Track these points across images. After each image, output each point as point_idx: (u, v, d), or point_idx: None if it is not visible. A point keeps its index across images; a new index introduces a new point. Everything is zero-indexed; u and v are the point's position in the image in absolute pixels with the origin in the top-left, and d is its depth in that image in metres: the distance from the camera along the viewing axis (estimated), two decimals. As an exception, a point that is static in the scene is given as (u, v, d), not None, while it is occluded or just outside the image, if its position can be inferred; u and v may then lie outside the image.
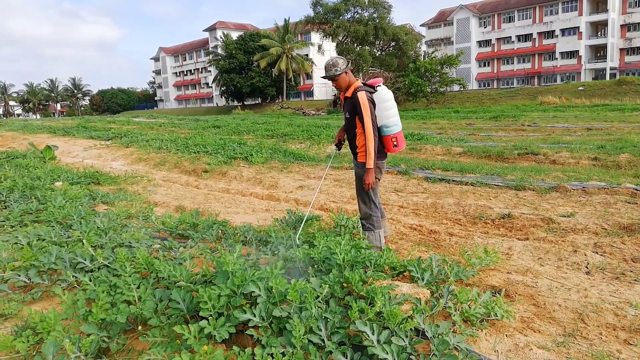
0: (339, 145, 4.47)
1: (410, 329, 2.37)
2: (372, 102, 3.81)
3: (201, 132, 18.15)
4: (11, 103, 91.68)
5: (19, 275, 3.28)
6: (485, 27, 60.50)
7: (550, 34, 54.70)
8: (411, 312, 2.49)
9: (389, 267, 3.20)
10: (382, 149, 3.96)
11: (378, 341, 2.22)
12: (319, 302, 2.53)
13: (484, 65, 61.06)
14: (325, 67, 3.92)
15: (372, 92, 3.86)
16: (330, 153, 6.33)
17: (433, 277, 3.05)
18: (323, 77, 3.94)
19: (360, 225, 4.08)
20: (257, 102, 60.68)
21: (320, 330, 2.30)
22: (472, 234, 4.97)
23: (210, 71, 73.02)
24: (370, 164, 3.77)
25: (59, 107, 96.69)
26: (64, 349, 2.23)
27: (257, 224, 5.16)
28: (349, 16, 41.48)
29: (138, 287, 2.75)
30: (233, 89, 56.84)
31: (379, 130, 3.87)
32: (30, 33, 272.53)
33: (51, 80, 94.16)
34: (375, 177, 3.92)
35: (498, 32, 59.10)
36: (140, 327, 2.56)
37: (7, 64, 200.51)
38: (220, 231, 4.31)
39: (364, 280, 2.81)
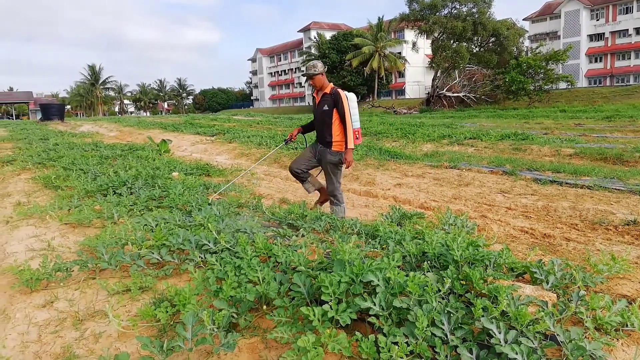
0: (287, 141, 5.43)
1: (537, 332, 2.26)
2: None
3: (297, 130, 18.67)
4: (125, 102, 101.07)
5: (152, 253, 3.62)
6: (597, 20, 55.50)
7: (676, 25, 48.85)
8: (537, 314, 2.38)
9: (507, 267, 3.07)
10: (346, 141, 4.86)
11: (505, 340, 2.15)
12: (439, 296, 2.51)
13: (595, 61, 56.07)
14: (306, 67, 4.84)
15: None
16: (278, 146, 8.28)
17: (558, 281, 2.88)
18: (302, 75, 4.98)
19: (329, 201, 5.15)
20: (348, 101, 61.07)
21: (443, 324, 2.28)
22: (592, 240, 4.61)
23: (303, 71, 74.86)
24: (351, 144, 4.75)
25: (165, 105, 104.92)
26: (201, 321, 2.43)
27: (359, 218, 5.22)
28: (446, 12, 40.18)
29: (261, 270, 2.91)
30: (325, 88, 57.71)
31: None
32: (143, 38, 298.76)
33: (160, 81, 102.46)
34: (340, 164, 4.92)
35: (613, 24, 53.93)
36: (264, 307, 2.71)
37: (122, 66, 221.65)
38: (328, 223, 4.41)
39: (484, 279, 2.73)
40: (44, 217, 5.52)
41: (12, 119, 75.38)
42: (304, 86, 75.53)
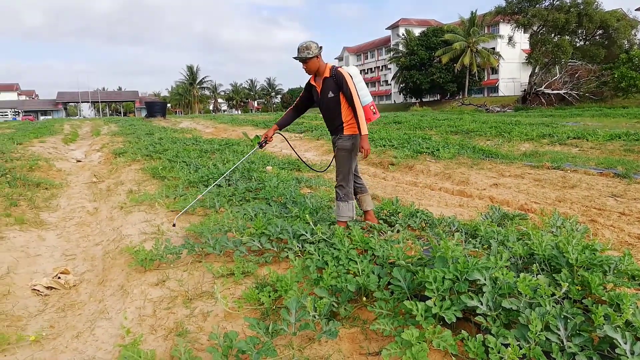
0: (262, 144, 4.49)
1: (670, 347, 2.04)
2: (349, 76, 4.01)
3: (385, 127, 18.54)
4: (219, 100, 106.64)
5: (253, 241, 3.78)
6: None
7: None
8: (670, 328, 2.14)
9: (629, 275, 2.80)
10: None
11: (632, 352, 1.96)
12: (552, 300, 2.35)
13: None
14: (298, 49, 4.02)
15: None
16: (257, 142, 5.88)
17: (691, 294, 2.57)
18: (294, 58, 4.03)
19: (335, 194, 4.19)
20: (435, 98, 59.43)
21: (559, 329, 2.13)
22: None
23: (390, 69, 74.07)
24: (365, 130, 3.92)
25: (255, 104, 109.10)
26: (303, 307, 2.49)
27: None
28: (547, 3, 37.52)
29: (360, 262, 2.92)
30: (412, 86, 56.63)
31: None
32: (236, 40, 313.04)
33: (251, 81, 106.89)
34: (352, 152, 4.07)
35: None
36: (364, 299, 2.72)
37: (218, 66, 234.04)
38: (423, 220, 4.32)
39: (603, 285, 2.52)
40: (153, 204, 5.99)
41: (121, 115, 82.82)
42: (390, 84, 74.66)
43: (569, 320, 2.16)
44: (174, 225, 4.78)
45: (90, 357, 2.82)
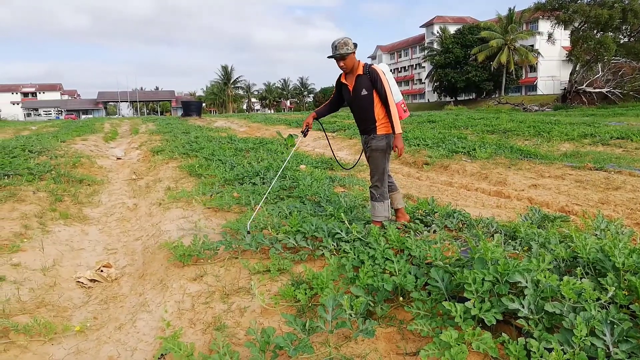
0: (305, 132, 4.44)
1: None
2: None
3: (419, 126, 18.33)
4: (253, 100, 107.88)
5: (289, 238, 3.81)
6: None
7: None
8: None
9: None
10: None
11: (685, 362, 1.88)
12: (598, 305, 2.27)
13: None
14: (335, 46, 3.87)
15: None
16: (295, 140, 5.69)
17: None
18: (329, 57, 3.91)
19: (369, 194, 4.17)
20: (470, 97, 58.27)
21: (605, 335, 2.06)
22: None
23: (424, 67, 73.19)
24: (399, 128, 3.89)
25: (288, 103, 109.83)
26: (339, 305, 2.50)
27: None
28: (589, -1, 36.21)
29: (397, 262, 2.91)
30: (446, 84, 55.75)
31: None
32: (269, 40, 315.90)
33: (284, 80, 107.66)
34: (387, 152, 4.01)
35: None
36: (401, 299, 2.70)
37: (251, 66, 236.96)
38: (460, 221, 4.26)
39: (652, 291, 2.41)
40: (190, 201, 6.12)
41: (158, 115, 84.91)
42: (424, 82, 73.73)
43: (615, 326, 2.08)
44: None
45: (132, 348, 2.91)
